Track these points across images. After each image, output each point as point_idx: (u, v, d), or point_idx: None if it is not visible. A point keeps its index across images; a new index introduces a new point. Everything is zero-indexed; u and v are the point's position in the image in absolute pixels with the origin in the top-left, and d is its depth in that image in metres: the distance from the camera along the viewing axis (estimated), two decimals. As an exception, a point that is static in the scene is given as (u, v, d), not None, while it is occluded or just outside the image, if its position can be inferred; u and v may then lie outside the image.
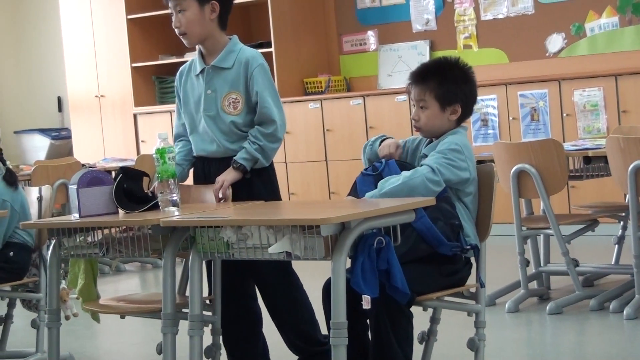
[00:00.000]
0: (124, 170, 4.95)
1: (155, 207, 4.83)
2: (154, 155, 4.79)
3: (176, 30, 5.19)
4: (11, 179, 6.16)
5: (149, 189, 4.97)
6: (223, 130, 5.14)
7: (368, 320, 4.53)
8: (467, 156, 4.55)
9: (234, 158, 5.02)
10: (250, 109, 5.11)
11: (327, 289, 4.23)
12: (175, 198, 4.76)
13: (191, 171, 5.38)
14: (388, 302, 4.25)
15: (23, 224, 5.42)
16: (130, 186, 4.92)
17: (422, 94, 4.69)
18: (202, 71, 5.22)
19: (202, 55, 5.25)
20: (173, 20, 5.15)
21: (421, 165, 4.53)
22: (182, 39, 5.24)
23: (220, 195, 4.99)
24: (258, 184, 5.18)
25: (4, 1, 12.84)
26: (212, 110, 5.18)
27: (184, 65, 5.37)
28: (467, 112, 4.76)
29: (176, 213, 4.69)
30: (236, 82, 5.15)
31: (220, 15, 5.18)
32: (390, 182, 4.50)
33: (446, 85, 4.69)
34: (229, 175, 4.99)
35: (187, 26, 5.15)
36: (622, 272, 6.67)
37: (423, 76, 4.73)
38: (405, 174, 4.48)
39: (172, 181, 4.76)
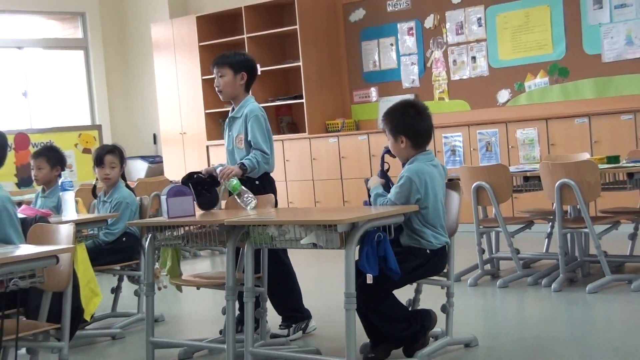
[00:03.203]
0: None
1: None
2: (224, 183, 5.01)
3: (216, 88, 5.39)
4: (130, 189, 6.24)
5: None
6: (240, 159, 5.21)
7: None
8: (417, 182, 4.33)
9: (240, 161, 5.12)
10: (248, 143, 5.20)
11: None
12: (247, 198, 4.89)
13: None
14: (369, 293, 4.26)
15: (129, 223, 5.47)
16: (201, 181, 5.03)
17: (384, 126, 4.63)
18: (229, 119, 5.37)
19: (233, 108, 5.36)
20: (215, 81, 5.33)
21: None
22: (219, 95, 5.36)
23: (220, 172, 5.03)
24: (262, 190, 5.15)
25: (116, 65, 12.84)
26: (231, 145, 5.32)
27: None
28: (415, 141, 4.48)
29: (252, 202, 4.83)
30: (241, 127, 5.25)
31: (247, 82, 5.28)
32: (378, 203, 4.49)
33: (393, 121, 4.56)
34: (234, 168, 5.02)
35: (223, 86, 5.32)
36: (550, 258, 6.70)
37: (383, 116, 4.65)
38: (383, 200, 4.45)
39: (242, 189, 4.87)
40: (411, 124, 4.50)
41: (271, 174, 5.30)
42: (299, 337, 5.20)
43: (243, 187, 4.90)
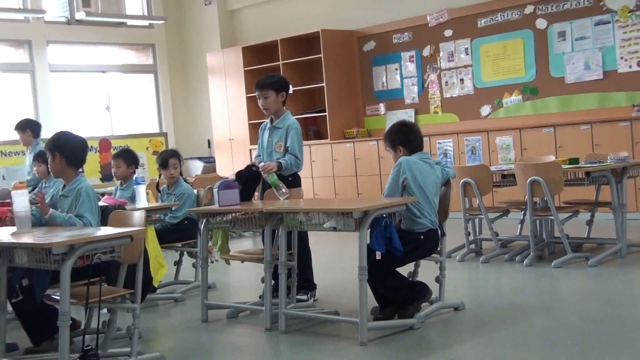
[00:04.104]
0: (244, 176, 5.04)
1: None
2: (264, 176, 5.01)
3: (261, 107, 5.34)
4: (188, 184, 6.27)
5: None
6: (275, 158, 5.21)
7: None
8: (405, 166, 4.39)
9: (278, 159, 5.11)
10: (285, 149, 5.20)
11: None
12: (283, 192, 4.90)
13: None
14: (378, 269, 4.26)
15: (189, 210, 5.48)
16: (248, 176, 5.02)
17: (385, 145, 4.70)
18: (268, 128, 5.35)
19: (271, 119, 5.31)
20: (260, 101, 5.30)
21: None
22: (264, 112, 5.33)
23: (262, 166, 5.02)
24: (294, 184, 5.17)
25: (179, 85, 12.84)
26: (269, 149, 5.28)
27: (264, 122, 5.44)
28: (410, 148, 4.54)
29: (286, 195, 4.84)
30: (282, 136, 5.23)
31: (286, 98, 5.25)
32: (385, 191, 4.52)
33: (391, 137, 4.64)
34: (274, 165, 5.00)
35: (269, 105, 5.30)
36: (523, 240, 6.63)
37: (384, 136, 4.72)
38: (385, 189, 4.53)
39: (279, 184, 4.84)
40: (406, 137, 4.58)
41: (299, 173, 5.29)
42: (312, 302, 5.20)
43: (280, 182, 4.89)
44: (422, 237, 4.40)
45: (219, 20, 12.20)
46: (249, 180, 5.13)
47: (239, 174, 5.18)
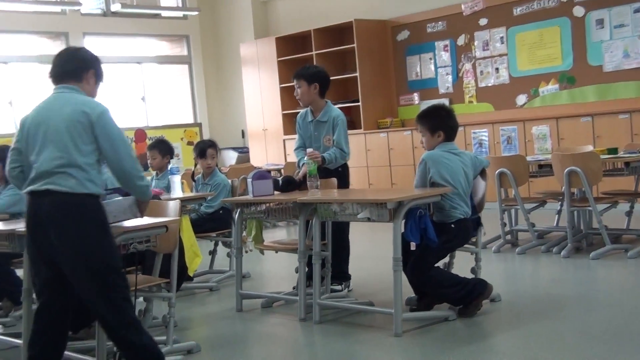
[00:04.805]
0: (287, 179, 5.04)
1: (304, 188, 4.91)
2: (306, 160, 4.95)
3: (296, 97, 5.32)
4: (223, 174, 6.29)
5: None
6: (322, 153, 5.18)
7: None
8: (431, 164, 4.34)
9: (323, 155, 5.08)
10: (333, 141, 5.21)
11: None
12: (317, 184, 4.84)
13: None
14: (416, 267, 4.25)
15: (224, 200, 5.48)
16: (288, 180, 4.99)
17: (421, 128, 4.55)
18: (311, 121, 5.30)
19: (311, 111, 5.28)
20: (295, 91, 5.29)
21: None
22: (299, 101, 5.30)
23: (309, 152, 5.00)
24: (342, 175, 5.21)
25: (213, 76, 12.88)
26: (317, 143, 5.24)
27: (301, 112, 5.42)
28: (449, 134, 4.47)
29: (318, 193, 4.75)
30: (329, 129, 5.20)
31: (320, 90, 5.22)
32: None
33: (432, 121, 4.51)
34: (319, 157, 5.01)
35: (301, 95, 5.29)
36: (560, 231, 6.55)
37: (420, 117, 4.60)
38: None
39: (315, 176, 4.81)
40: (446, 122, 4.49)
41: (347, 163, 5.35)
42: (346, 292, 5.19)
43: (316, 175, 4.87)
44: (452, 226, 4.33)
45: (252, 10, 12.20)
46: (290, 183, 5.08)
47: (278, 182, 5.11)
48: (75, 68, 3.48)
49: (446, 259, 4.66)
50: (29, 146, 3.36)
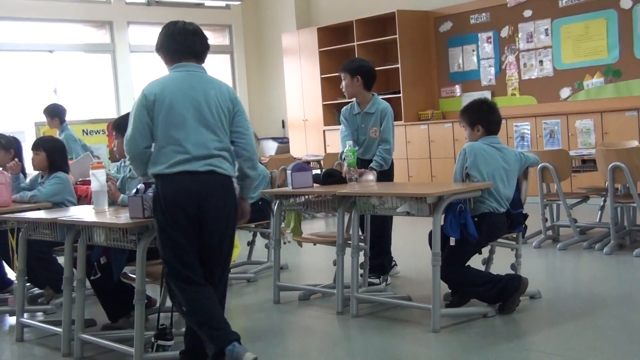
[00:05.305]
0: (328, 172, 5.00)
1: (344, 181, 4.90)
2: (346, 152, 4.90)
3: (342, 89, 5.37)
4: (262, 164, 6.28)
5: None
6: (367, 145, 5.23)
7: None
8: (468, 152, 4.29)
9: (370, 165, 5.10)
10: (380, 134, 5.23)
11: (430, 234, 4.13)
12: (355, 177, 4.82)
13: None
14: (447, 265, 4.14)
15: (263, 191, 5.47)
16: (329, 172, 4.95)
17: (462, 122, 4.52)
18: (358, 113, 5.29)
19: (358, 103, 5.25)
20: (341, 82, 5.36)
21: None
22: (344, 93, 5.34)
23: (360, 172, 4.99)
24: (386, 172, 5.21)
25: (254, 66, 12.90)
26: (363, 135, 5.24)
27: (347, 105, 5.44)
28: (489, 128, 4.40)
29: (357, 186, 4.71)
30: (376, 120, 5.19)
31: (364, 83, 5.24)
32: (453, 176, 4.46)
33: (471, 115, 4.46)
34: (374, 176, 5.01)
35: (345, 87, 5.35)
36: (603, 227, 6.44)
37: (462, 112, 4.55)
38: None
39: (354, 168, 4.79)
40: (486, 116, 4.43)
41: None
42: (384, 286, 5.16)
43: (355, 167, 4.84)
44: (475, 219, 4.19)
45: (294, 0, 12.19)
46: (330, 176, 5.06)
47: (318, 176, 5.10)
48: (204, 49, 3.59)
49: (485, 255, 4.60)
50: (168, 122, 3.34)
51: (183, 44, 3.51)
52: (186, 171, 3.31)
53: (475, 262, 4.47)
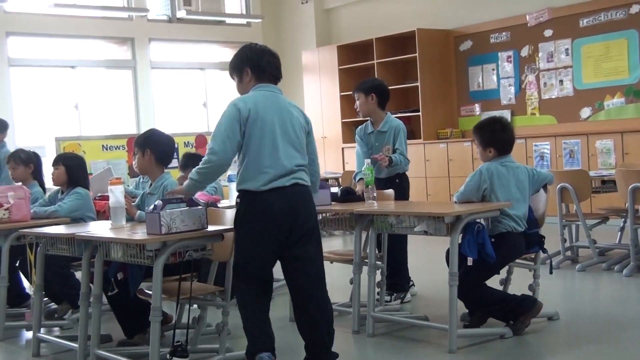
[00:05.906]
0: (346, 190, 5.02)
1: (361, 200, 4.89)
2: (364, 170, 4.86)
3: (356, 109, 5.47)
4: None
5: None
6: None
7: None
8: (485, 174, 4.26)
9: (390, 155, 5.21)
10: (394, 150, 5.31)
11: (447, 253, 4.10)
12: (374, 195, 4.79)
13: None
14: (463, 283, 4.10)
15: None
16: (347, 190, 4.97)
17: (475, 139, 4.51)
18: (372, 132, 5.37)
19: (372, 122, 5.32)
20: (355, 103, 5.45)
21: None
22: (358, 113, 5.47)
23: (379, 156, 5.15)
24: (400, 186, 5.31)
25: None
26: (378, 154, 5.27)
27: (362, 125, 5.51)
28: (501, 150, 4.36)
29: (375, 204, 4.67)
30: (389, 138, 5.28)
31: (379, 101, 5.31)
32: (458, 193, 4.43)
33: (483, 135, 4.43)
34: (387, 161, 5.16)
35: (359, 106, 5.43)
36: (622, 248, 6.39)
37: (475, 129, 4.53)
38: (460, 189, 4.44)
39: (372, 187, 4.75)
40: (499, 138, 4.39)
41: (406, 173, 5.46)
42: (397, 304, 5.16)
43: (373, 186, 4.83)
44: (492, 240, 4.15)
45: (315, 18, 12.25)
46: (348, 194, 5.07)
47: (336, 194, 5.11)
48: (280, 72, 3.88)
49: (503, 275, 4.56)
50: (261, 139, 3.56)
51: (268, 64, 3.78)
52: (275, 188, 3.54)
53: (494, 282, 4.44)
